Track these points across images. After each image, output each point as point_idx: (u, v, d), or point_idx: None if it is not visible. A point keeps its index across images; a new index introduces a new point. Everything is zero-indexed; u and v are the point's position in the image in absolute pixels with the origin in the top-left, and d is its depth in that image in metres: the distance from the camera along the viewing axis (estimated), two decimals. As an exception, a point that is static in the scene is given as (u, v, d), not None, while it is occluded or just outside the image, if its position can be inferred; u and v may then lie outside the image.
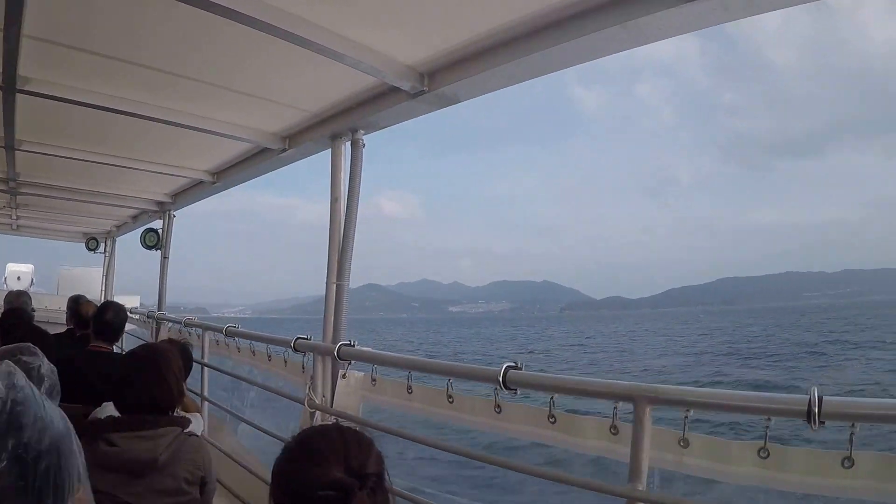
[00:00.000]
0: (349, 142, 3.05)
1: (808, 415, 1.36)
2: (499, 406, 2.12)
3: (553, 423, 1.98)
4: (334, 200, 3.04)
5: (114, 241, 7.86)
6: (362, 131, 3.01)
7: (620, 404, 1.76)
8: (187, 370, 3.50)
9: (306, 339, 3.11)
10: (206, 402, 4.20)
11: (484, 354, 52.95)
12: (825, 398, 1.36)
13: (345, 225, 2.99)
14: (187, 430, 2.14)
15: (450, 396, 2.31)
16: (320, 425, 1.31)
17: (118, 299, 7.89)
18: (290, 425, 3.33)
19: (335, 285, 3.00)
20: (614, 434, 1.82)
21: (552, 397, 1.96)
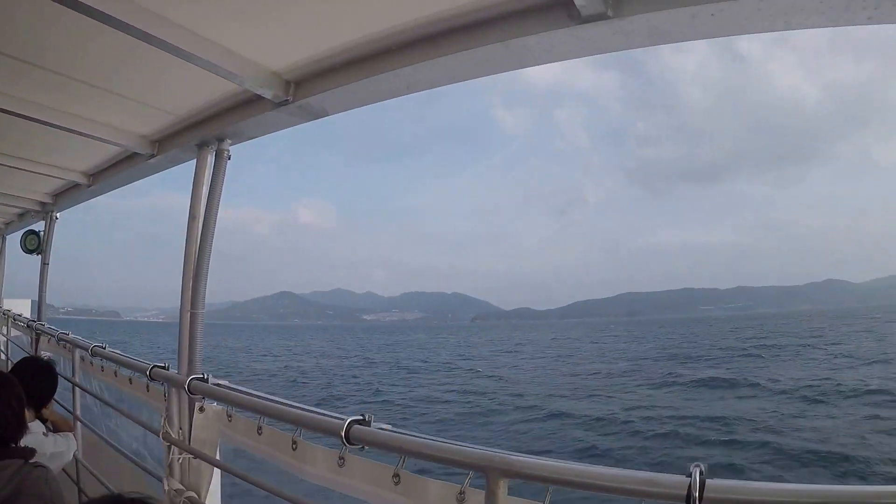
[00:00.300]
0: (215, 151, 2.77)
1: (688, 499, 1.17)
2: (342, 458, 1.89)
3: (397, 483, 1.75)
4: (192, 218, 2.71)
5: (3, 239, 7.21)
6: (229, 141, 2.74)
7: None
8: (52, 388, 3.21)
9: (163, 367, 2.82)
10: (80, 422, 3.84)
11: (425, 360, 52.70)
12: (708, 482, 1.17)
13: (199, 247, 2.69)
14: (33, 460, 1.98)
15: (294, 442, 2.06)
16: (97, 499, 1.15)
17: (6, 303, 7.34)
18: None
19: (189, 314, 2.69)
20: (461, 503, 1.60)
21: (402, 456, 1.74)
